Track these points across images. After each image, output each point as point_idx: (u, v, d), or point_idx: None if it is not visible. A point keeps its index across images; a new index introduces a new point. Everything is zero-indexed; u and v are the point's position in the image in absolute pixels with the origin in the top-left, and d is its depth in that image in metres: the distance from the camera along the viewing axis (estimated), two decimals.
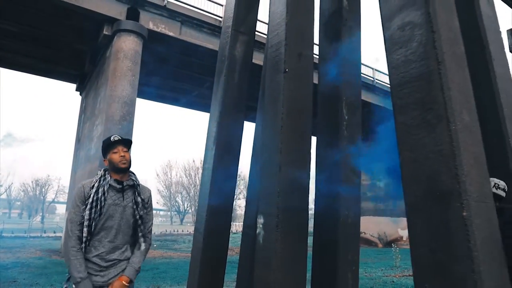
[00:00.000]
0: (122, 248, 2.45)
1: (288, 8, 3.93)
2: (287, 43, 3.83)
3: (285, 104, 3.61)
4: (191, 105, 23.44)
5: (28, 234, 27.55)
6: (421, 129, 2.35)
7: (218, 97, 5.02)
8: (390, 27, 2.64)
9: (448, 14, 2.57)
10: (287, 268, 3.33)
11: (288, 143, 3.36)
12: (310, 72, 3.93)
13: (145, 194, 2.57)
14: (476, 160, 2.29)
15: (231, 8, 5.28)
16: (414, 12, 2.51)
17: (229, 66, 5.01)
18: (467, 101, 2.41)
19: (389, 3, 2.67)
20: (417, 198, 2.35)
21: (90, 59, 16.82)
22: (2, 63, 18.05)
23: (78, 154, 17.84)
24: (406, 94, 2.48)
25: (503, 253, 2.20)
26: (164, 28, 14.57)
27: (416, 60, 2.43)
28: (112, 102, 12.84)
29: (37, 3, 12.90)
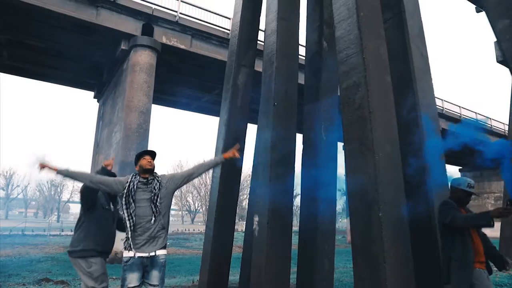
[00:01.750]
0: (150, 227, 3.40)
1: (277, 54, 5.03)
2: (275, 83, 4.91)
3: (273, 129, 4.70)
4: (202, 110, 24.63)
5: (48, 233, 29.06)
6: (358, 157, 3.44)
7: (224, 119, 6.17)
8: (343, 86, 3.76)
9: (381, 75, 3.68)
10: (275, 254, 4.50)
11: (277, 164, 4.49)
12: (294, 104, 5.03)
13: (164, 178, 3.53)
14: (394, 179, 3.37)
15: (234, 45, 6.41)
16: (356, 75, 3.61)
17: (233, 93, 6.14)
18: (390, 137, 3.49)
19: (342, 69, 3.79)
20: (355, 203, 3.46)
21: (107, 70, 18.14)
22: (28, 74, 19.53)
23: (97, 158, 19.16)
24: (351, 132, 3.58)
25: (408, 239, 3.29)
26: (176, 42, 15.76)
27: (357, 109, 3.53)
28: (130, 112, 14.09)
29: (61, 21, 14.19)
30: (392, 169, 3.34)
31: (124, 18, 14.61)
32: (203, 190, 58.73)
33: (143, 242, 3.26)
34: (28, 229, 32.23)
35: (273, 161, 4.58)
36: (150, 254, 3.27)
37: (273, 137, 4.65)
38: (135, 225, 3.26)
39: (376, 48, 3.69)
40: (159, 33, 15.40)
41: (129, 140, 13.90)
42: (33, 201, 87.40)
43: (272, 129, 4.68)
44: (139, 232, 3.27)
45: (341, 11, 3.96)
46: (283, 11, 5.23)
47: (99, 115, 20.69)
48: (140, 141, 14.12)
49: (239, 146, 3.74)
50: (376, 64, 3.57)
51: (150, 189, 3.37)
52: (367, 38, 3.63)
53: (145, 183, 3.39)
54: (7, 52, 16.82)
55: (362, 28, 3.66)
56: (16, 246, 17.30)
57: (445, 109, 27.19)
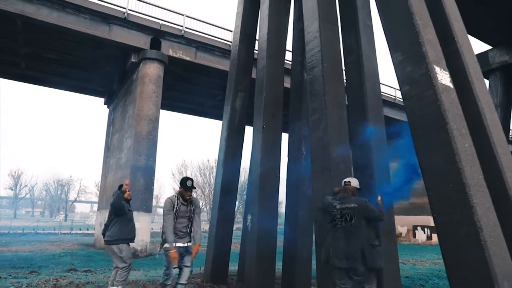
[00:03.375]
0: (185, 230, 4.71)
1: (265, 86, 6.28)
2: (265, 109, 6.16)
3: (262, 148, 5.96)
4: (205, 114, 25.94)
5: (59, 231, 30.49)
6: (320, 174, 4.71)
7: (224, 135, 7.44)
8: (311, 119, 5.03)
9: (339, 111, 4.94)
10: (263, 244, 5.76)
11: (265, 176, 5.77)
12: (279, 129, 6.29)
13: (196, 202, 4.87)
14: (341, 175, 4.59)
15: (233, 74, 7.69)
16: (319, 112, 4.87)
17: (231, 114, 7.42)
18: (344, 159, 4.74)
19: (311, 106, 5.06)
20: (317, 191, 4.70)
21: (118, 80, 19.46)
22: (45, 83, 20.94)
23: (108, 161, 20.51)
24: (315, 154, 4.84)
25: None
26: (182, 54, 17.05)
27: (320, 138, 4.79)
28: (140, 120, 15.40)
29: (76, 37, 15.51)
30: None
31: (134, 33, 15.90)
32: (207, 189, 59.94)
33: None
34: (39, 228, 33.68)
35: (262, 173, 5.86)
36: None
37: (262, 154, 5.94)
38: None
39: (335, 90, 4.97)
40: (166, 46, 16.68)
41: (140, 145, 15.21)
42: (39, 201, 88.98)
43: (261, 148, 5.97)
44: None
45: (311, 60, 5.24)
46: (271, 51, 6.51)
47: (109, 120, 22.01)
48: (150, 146, 15.44)
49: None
50: (334, 104, 4.85)
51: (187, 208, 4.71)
52: (329, 83, 4.91)
53: (184, 204, 4.71)
54: (25, 63, 18.18)
55: (325, 75, 4.94)
56: (34, 243, 18.68)
57: None
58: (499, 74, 14.18)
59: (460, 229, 3.19)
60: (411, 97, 3.78)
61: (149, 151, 15.38)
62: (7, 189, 73.14)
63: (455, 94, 3.72)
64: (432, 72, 3.60)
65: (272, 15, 6.67)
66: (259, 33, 6.94)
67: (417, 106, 3.71)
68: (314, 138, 4.96)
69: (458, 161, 3.26)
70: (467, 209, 3.14)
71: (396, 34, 4.06)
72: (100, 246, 16.93)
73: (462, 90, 4.08)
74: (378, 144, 5.20)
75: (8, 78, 20.21)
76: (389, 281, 4.79)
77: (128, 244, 5.16)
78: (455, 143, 3.32)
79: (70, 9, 14.36)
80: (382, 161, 5.14)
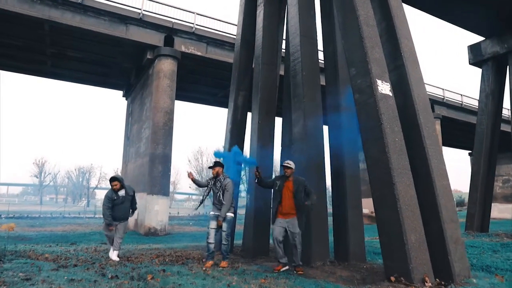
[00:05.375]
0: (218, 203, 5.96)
1: (261, 88, 7.49)
2: (260, 108, 7.39)
3: (258, 140, 7.20)
4: (218, 104, 27.26)
5: (85, 215, 32.68)
6: (299, 143, 5.95)
7: (228, 128, 8.71)
8: (293, 116, 6.28)
9: (316, 112, 6.16)
10: (258, 219, 7.06)
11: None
12: (273, 124, 7.51)
13: (224, 181, 5.92)
14: (317, 168, 5.89)
15: (235, 75, 8.91)
16: (300, 111, 6.11)
17: (234, 111, 8.66)
18: (318, 154, 5.99)
19: (293, 106, 6.32)
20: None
21: (135, 74, 20.93)
22: (69, 79, 22.61)
23: (128, 149, 22.16)
24: (296, 146, 6.09)
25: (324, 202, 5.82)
26: (194, 49, 18.32)
27: (299, 131, 6.04)
28: (157, 112, 16.86)
29: (97, 37, 16.93)
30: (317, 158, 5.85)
31: (149, 31, 17.22)
32: None
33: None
34: (65, 213, 36.04)
35: (258, 160, 7.16)
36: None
37: (258, 145, 7.23)
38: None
39: (313, 94, 6.21)
40: (179, 43, 17.96)
41: (157, 135, 16.71)
42: (62, 188, 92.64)
43: (257, 140, 7.26)
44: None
45: (294, 69, 6.48)
46: (265, 58, 7.73)
47: (128, 112, 23.59)
48: (166, 136, 16.91)
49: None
50: (311, 105, 6.09)
51: (215, 185, 5.89)
52: (307, 89, 6.15)
53: (213, 181, 5.90)
54: (51, 61, 19.78)
55: (304, 82, 6.17)
56: (64, 225, 20.61)
57: (446, 97, 28.91)
58: (491, 64, 14.99)
59: (386, 199, 4.46)
60: (359, 103, 5.01)
61: (165, 141, 16.86)
62: (32, 177, 76.71)
63: (393, 101, 4.93)
64: (374, 84, 4.81)
65: (265, 27, 7.87)
66: (256, 42, 8.16)
67: (363, 110, 4.94)
68: (295, 132, 6.23)
69: (387, 152, 4.50)
70: (390, 186, 4.39)
71: (351, 53, 5.27)
72: None
73: (405, 95, 5.29)
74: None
75: (36, 75, 21.94)
76: (354, 245, 6.10)
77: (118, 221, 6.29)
78: (386, 138, 4.56)
79: (91, 13, 15.76)
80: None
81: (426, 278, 4.13)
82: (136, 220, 17.63)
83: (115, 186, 6.26)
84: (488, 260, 6.92)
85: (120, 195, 6.32)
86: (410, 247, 4.18)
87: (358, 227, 6.23)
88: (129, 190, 6.48)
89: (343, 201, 6.28)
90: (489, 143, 14.65)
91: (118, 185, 6.29)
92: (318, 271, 5.17)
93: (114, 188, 6.27)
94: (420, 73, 5.52)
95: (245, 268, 5.35)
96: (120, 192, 6.33)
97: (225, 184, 5.76)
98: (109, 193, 6.30)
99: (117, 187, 6.28)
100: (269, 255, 6.99)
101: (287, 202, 5.30)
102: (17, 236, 13.16)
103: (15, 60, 19.83)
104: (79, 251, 7.61)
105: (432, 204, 4.73)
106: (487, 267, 6.08)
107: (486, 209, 14.42)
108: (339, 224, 6.33)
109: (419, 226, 4.36)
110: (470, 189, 14.82)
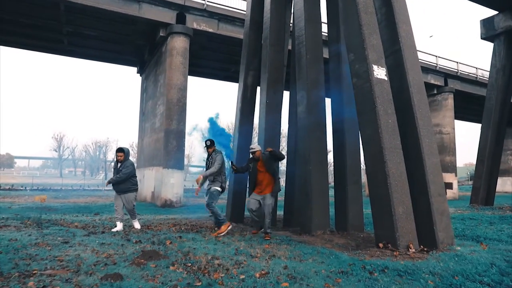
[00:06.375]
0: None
1: (269, 67, 7.88)
2: (268, 87, 7.84)
3: (265, 116, 7.68)
4: (229, 79, 27.55)
5: (104, 188, 34.07)
6: (303, 120, 6.45)
7: (238, 107, 9.19)
8: (297, 97, 6.71)
9: (317, 88, 6.59)
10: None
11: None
12: (280, 102, 7.95)
13: (215, 156, 6.61)
14: (320, 161, 6.39)
15: (245, 55, 9.30)
16: (304, 79, 6.55)
17: (244, 90, 9.11)
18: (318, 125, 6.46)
19: (297, 76, 6.74)
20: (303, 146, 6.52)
21: (148, 51, 21.34)
22: (84, 56, 23.20)
23: (143, 125, 22.89)
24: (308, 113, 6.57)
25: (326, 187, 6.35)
26: (205, 26, 18.55)
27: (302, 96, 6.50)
28: (170, 89, 17.37)
29: (111, 15, 17.30)
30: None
31: (161, 9, 17.49)
32: None
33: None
34: (85, 185, 37.58)
35: (266, 137, 7.66)
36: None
37: (266, 122, 7.72)
38: None
39: (315, 76, 6.61)
40: (191, 20, 18.21)
41: (171, 112, 17.30)
42: (80, 161, 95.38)
43: (265, 119, 7.74)
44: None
45: (298, 52, 6.86)
46: (272, 40, 8.08)
47: (142, 88, 24.17)
48: (180, 112, 17.49)
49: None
50: (314, 86, 6.51)
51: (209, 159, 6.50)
52: (310, 71, 6.56)
53: (208, 157, 6.52)
54: (67, 40, 20.30)
55: (308, 65, 6.57)
56: (86, 197, 21.76)
57: (460, 71, 28.55)
58: (503, 38, 14.89)
59: (378, 175, 4.95)
60: (357, 87, 5.41)
61: (179, 116, 17.45)
62: (52, 151, 79.19)
63: (388, 85, 5.32)
64: (371, 70, 5.20)
65: (273, 9, 8.17)
66: (264, 24, 8.48)
67: (360, 93, 5.36)
68: (299, 111, 6.69)
69: (380, 132, 4.95)
70: (382, 163, 4.87)
71: (350, 40, 5.62)
72: (141, 199, 19.67)
73: (401, 78, 5.66)
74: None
75: (53, 53, 22.56)
76: (353, 217, 6.65)
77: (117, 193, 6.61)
78: (380, 120, 4.99)
79: None
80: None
81: (411, 245, 4.66)
82: (153, 192, 18.54)
83: (120, 157, 6.53)
84: (481, 231, 7.40)
85: (118, 167, 6.55)
86: (397, 218, 4.70)
87: (357, 200, 6.76)
88: (123, 164, 6.54)
89: (344, 176, 6.80)
90: (497, 118, 14.78)
91: (122, 156, 6.52)
92: (317, 239, 5.76)
93: (118, 158, 6.55)
94: (416, 57, 5.85)
95: (252, 235, 5.98)
96: (119, 164, 6.56)
97: (215, 158, 6.30)
98: (114, 162, 6.75)
99: (121, 158, 6.51)
100: (275, 225, 7.61)
101: (263, 181, 6.05)
102: (44, 207, 14.14)
103: (34, 39, 20.41)
104: (104, 220, 8.38)
105: (422, 179, 5.20)
106: (477, 237, 6.57)
107: (491, 183, 14.74)
108: (340, 197, 6.87)
109: (407, 199, 4.86)
110: (477, 164, 15.10)
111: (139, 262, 3.75)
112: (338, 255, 4.44)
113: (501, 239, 6.35)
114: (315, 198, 6.17)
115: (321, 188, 6.33)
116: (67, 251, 4.22)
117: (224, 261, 3.95)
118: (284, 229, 7.26)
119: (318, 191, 6.24)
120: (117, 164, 6.60)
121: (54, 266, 3.51)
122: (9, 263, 3.54)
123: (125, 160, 6.56)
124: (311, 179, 6.23)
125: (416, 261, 4.14)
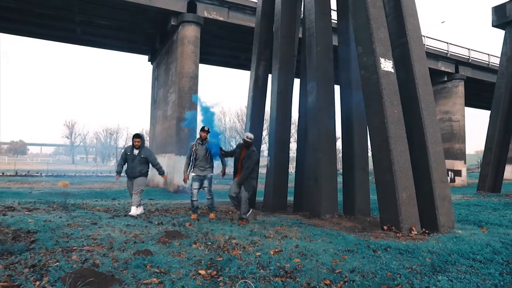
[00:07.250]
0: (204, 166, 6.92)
1: (280, 59, 8.15)
2: (279, 78, 8.11)
3: (276, 106, 7.98)
4: (240, 66, 27.77)
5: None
6: (313, 111, 6.77)
7: (250, 96, 9.50)
8: (307, 88, 7.01)
9: (327, 78, 6.89)
10: (278, 178, 7.99)
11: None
12: (291, 92, 8.23)
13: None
14: (329, 151, 6.71)
15: (256, 45, 9.56)
16: (314, 62, 6.84)
17: (256, 80, 9.39)
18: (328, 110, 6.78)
19: (307, 61, 7.02)
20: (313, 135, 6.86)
21: (160, 40, 21.62)
22: (97, 45, 23.57)
23: (155, 112, 23.33)
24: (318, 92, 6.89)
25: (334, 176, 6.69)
26: (216, 15, 18.73)
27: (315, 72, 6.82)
28: (182, 77, 17.70)
29: (123, 5, 17.57)
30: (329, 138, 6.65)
31: None
32: None
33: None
34: (98, 172, 38.42)
35: (277, 126, 7.98)
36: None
37: (277, 112, 8.03)
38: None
39: (325, 67, 6.88)
40: (201, 9, 18.39)
41: (183, 100, 17.66)
42: (91, 148, 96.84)
43: (276, 108, 8.05)
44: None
45: (309, 43, 7.12)
46: (284, 31, 8.33)
47: (153, 76, 24.53)
48: (191, 100, 17.82)
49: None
50: (324, 76, 6.79)
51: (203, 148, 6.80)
52: (320, 61, 6.82)
53: (201, 144, 6.81)
54: (80, 29, 20.66)
55: (318, 56, 6.84)
56: (100, 183, 22.41)
57: (471, 58, 28.30)
58: None
59: (383, 163, 5.27)
60: (365, 79, 5.69)
61: (191, 105, 17.79)
62: (64, 138, 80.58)
63: (394, 77, 5.58)
64: (378, 62, 5.46)
65: (284, 2, 8.40)
66: (275, 16, 8.72)
67: (368, 85, 5.63)
68: (309, 101, 6.99)
69: (386, 122, 5.24)
70: (387, 151, 5.18)
71: (359, 33, 5.87)
72: (154, 185, 20.25)
73: (407, 70, 5.91)
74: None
75: (67, 42, 22.99)
76: (360, 202, 7.00)
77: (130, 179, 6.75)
78: (386, 111, 5.28)
79: None
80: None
81: (413, 227, 5.00)
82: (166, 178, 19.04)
83: (137, 142, 6.51)
84: (484, 216, 7.69)
85: (134, 153, 6.50)
86: (401, 202, 5.03)
87: (364, 186, 7.09)
88: (143, 151, 6.60)
89: (352, 163, 7.12)
90: (506, 106, 14.85)
91: (139, 142, 6.52)
92: (326, 222, 6.13)
93: (135, 144, 6.51)
94: (422, 49, 6.08)
95: (264, 219, 6.38)
96: (135, 150, 6.52)
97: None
98: (126, 148, 6.63)
99: (138, 144, 6.50)
100: (286, 210, 8.00)
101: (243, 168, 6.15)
102: (62, 192, 14.75)
103: (48, 29, 20.83)
104: (124, 205, 8.85)
105: (425, 167, 5.51)
106: (479, 222, 6.88)
107: (499, 170, 14.91)
108: (347, 183, 7.21)
109: (410, 185, 5.18)
110: (485, 151, 15.26)
111: (164, 241, 4.16)
112: (345, 236, 4.80)
113: (502, 223, 6.65)
114: (324, 184, 6.51)
115: (330, 174, 6.66)
116: (98, 231, 4.65)
117: (241, 241, 4.35)
118: (294, 213, 7.64)
119: (327, 177, 6.57)
120: (133, 150, 6.56)
121: (90, 244, 3.94)
122: (50, 240, 3.98)
123: (142, 146, 6.58)
124: (320, 166, 6.56)
125: (417, 242, 4.48)
